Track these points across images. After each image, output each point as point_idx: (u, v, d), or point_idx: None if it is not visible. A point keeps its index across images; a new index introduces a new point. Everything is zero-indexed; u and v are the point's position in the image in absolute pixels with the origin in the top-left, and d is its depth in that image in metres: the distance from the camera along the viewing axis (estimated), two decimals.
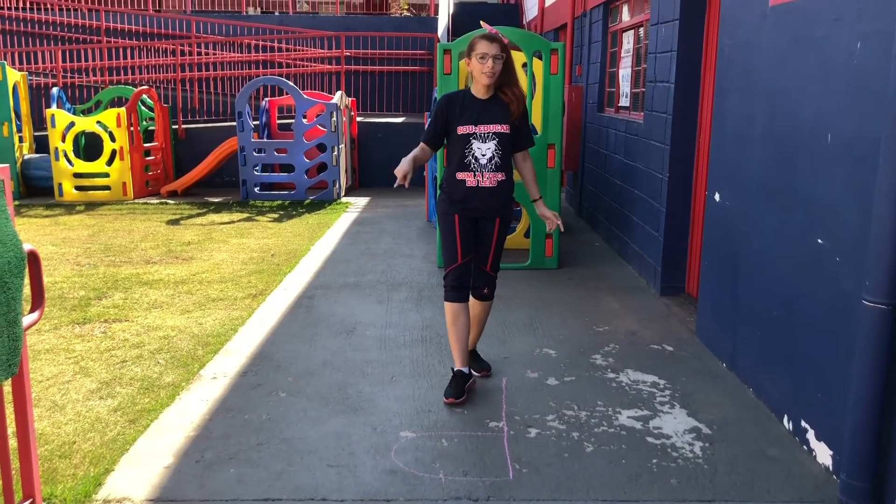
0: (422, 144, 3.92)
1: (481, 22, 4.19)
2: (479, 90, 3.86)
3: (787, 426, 3.57)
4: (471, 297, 4.07)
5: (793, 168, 3.55)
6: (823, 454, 3.23)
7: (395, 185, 3.64)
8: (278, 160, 10.58)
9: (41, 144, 11.73)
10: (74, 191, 10.64)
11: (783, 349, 3.63)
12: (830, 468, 3.17)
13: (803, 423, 3.40)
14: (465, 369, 3.94)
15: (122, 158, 10.60)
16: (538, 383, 4.11)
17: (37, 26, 14.71)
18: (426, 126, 4.01)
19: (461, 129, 3.82)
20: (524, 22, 15.14)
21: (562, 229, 4.19)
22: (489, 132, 3.81)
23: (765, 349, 3.84)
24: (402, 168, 3.61)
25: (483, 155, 3.82)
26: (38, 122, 12.63)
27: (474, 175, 3.84)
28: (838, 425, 3.07)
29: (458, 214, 3.90)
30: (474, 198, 3.86)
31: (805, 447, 3.38)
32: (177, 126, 12.34)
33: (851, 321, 2.98)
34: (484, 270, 4.03)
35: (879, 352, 2.76)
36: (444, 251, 3.95)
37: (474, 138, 3.81)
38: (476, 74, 3.79)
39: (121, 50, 14.25)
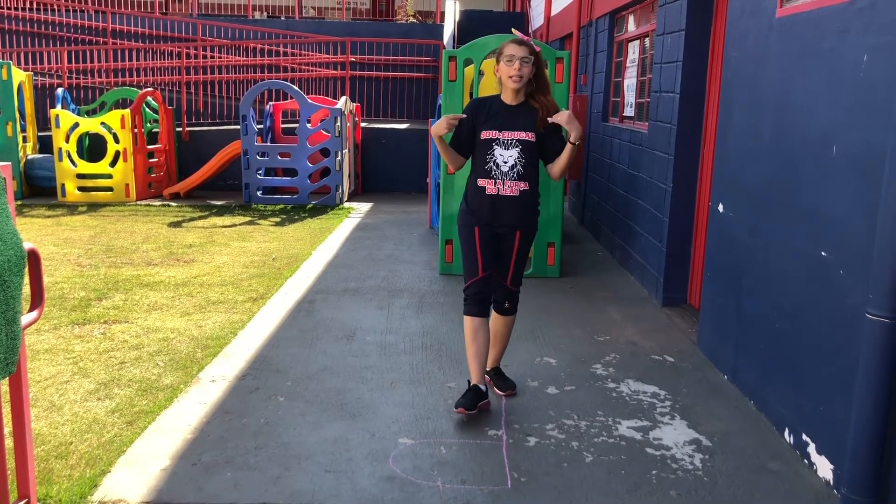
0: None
1: (513, 29, 4.09)
2: (507, 96, 3.75)
3: (788, 439, 3.55)
4: (492, 312, 3.99)
5: (797, 180, 3.53)
6: (824, 468, 3.21)
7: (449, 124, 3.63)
8: (281, 164, 10.59)
9: (45, 145, 11.75)
10: (77, 191, 10.64)
11: (785, 362, 3.61)
12: (831, 482, 3.15)
13: (804, 437, 3.38)
14: (482, 386, 3.80)
15: (125, 160, 10.61)
16: (538, 392, 4.09)
17: (43, 27, 14.76)
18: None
19: (484, 134, 3.72)
20: (530, 31, 15.16)
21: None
22: (513, 139, 3.69)
23: (767, 361, 3.82)
24: (449, 125, 3.63)
25: (505, 162, 3.69)
26: (43, 122, 12.64)
27: (495, 182, 3.71)
28: (840, 439, 3.05)
29: (479, 226, 3.78)
30: (494, 207, 3.73)
31: (806, 461, 3.36)
32: (181, 128, 12.35)
33: (855, 334, 2.96)
34: (504, 285, 3.91)
35: (882, 365, 2.74)
36: (465, 263, 3.83)
37: (497, 144, 3.70)
38: (504, 78, 3.68)
39: (126, 52, 14.28)
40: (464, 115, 3.74)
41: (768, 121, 3.87)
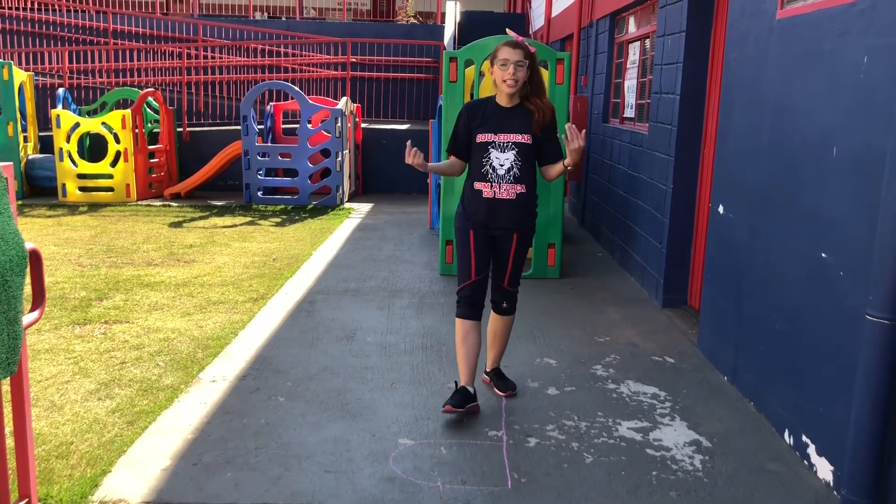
0: (450, 156, 3.86)
1: (507, 30, 4.05)
2: (502, 99, 3.74)
3: (787, 440, 3.55)
4: (491, 313, 4.00)
5: (798, 181, 3.54)
6: (824, 469, 3.21)
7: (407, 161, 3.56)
8: (282, 165, 10.60)
9: (46, 145, 11.75)
10: (78, 191, 10.65)
11: (785, 363, 3.61)
12: (831, 484, 3.15)
13: (804, 438, 3.38)
14: (471, 388, 3.80)
15: (126, 160, 10.61)
16: (538, 393, 4.09)
17: (44, 27, 14.77)
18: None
19: (480, 138, 3.70)
20: (531, 32, 15.16)
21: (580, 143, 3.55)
22: (509, 142, 3.67)
23: (767, 362, 3.83)
24: (416, 155, 3.55)
25: (501, 165, 3.68)
26: (44, 122, 12.65)
27: (491, 186, 3.69)
28: (840, 440, 3.05)
29: (474, 230, 3.76)
30: (491, 210, 3.72)
31: (806, 462, 3.36)
32: (181, 129, 12.35)
33: (855, 336, 2.96)
34: (501, 286, 3.92)
35: (882, 367, 2.75)
36: (459, 266, 3.82)
37: (493, 147, 3.68)
38: (498, 82, 3.67)
39: (127, 52, 14.29)
40: (415, 148, 3.61)
41: (768, 122, 3.88)
